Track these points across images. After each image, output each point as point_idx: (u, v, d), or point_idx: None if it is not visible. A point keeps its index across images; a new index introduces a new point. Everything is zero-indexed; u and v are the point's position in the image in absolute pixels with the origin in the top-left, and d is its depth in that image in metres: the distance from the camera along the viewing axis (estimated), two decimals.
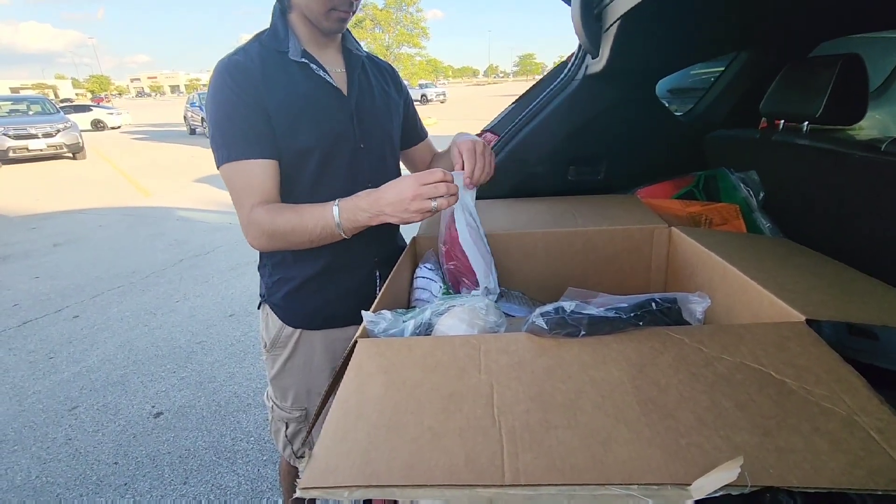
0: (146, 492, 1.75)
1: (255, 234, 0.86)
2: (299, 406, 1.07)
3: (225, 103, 0.84)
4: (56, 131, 9.80)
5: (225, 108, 0.84)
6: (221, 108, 0.84)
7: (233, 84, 0.84)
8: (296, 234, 0.85)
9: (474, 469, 0.41)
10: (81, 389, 2.37)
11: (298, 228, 0.85)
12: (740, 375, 0.50)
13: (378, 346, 0.61)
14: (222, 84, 0.84)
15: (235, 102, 0.84)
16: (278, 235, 0.85)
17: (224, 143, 0.85)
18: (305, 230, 0.85)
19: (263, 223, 0.85)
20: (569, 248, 0.99)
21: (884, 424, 0.42)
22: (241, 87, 0.84)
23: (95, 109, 19.12)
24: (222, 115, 0.84)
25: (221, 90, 0.84)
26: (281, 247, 0.89)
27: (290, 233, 0.85)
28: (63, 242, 4.70)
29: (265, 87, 0.85)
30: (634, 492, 0.38)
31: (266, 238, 0.86)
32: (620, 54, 1.07)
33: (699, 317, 0.67)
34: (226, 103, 0.84)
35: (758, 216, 1.15)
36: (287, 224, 0.85)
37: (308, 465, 0.44)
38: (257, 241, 0.88)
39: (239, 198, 0.87)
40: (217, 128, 0.85)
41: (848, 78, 0.97)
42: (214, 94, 0.85)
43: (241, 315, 3.08)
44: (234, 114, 0.84)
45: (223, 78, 0.84)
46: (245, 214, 0.86)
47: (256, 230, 0.86)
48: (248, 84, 0.84)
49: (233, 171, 0.86)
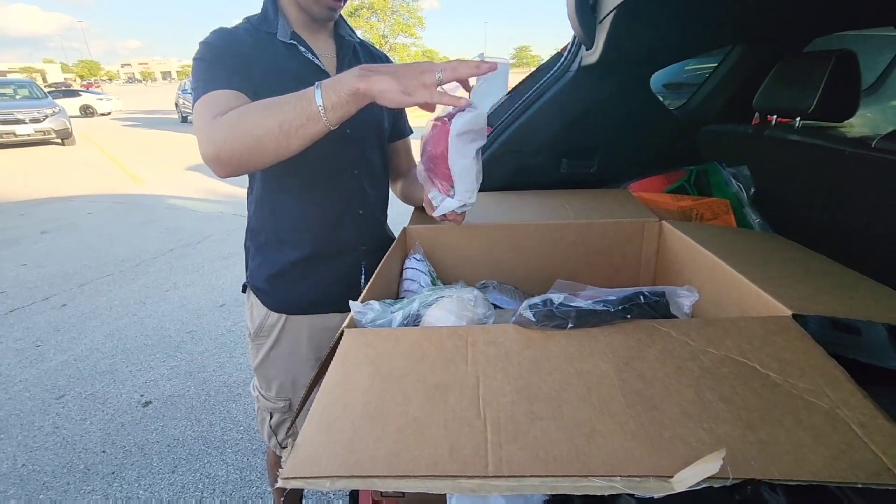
0: (134, 480, 1.74)
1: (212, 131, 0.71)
2: (283, 396, 1.06)
3: (205, 54, 0.82)
4: (44, 116, 9.63)
5: (204, 57, 0.82)
6: (201, 59, 0.82)
7: (219, 42, 0.83)
8: (262, 115, 0.69)
9: (458, 460, 0.41)
10: (69, 378, 2.35)
11: (269, 108, 0.69)
12: (725, 369, 0.50)
13: (365, 336, 0.61)
14: (207, 42, 0.84)
15: (214, 53, 0.82)
16: (239, 122, 0.69)
17: (197, 85, 0.79)
18: (276, 108, 0.68)
19: (224, 121, 0.71)
20: (560, 240, 0.99)
21: (866, 418, 0.43)
22: (226, 46, 0.83)
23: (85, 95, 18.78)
24: (201, 64, 0.81)
25: (205, 46, 0.83)
26: (243, 142, 0.69)
27: (256, 114, 0.69)
28: (51, 229, 4.63)
29: (252, 58, 0.84)
30: (617, 483, 0.38)
31: (224, 130, 0.70)
32: (615, 46, 1.07)
33: (687, 310, 0.67)
34: (206, 54, 0.82)
35: (748, 211, 1.16)
36: (254, 105, 0.71)
37: (291, 455, 0.44)
38: (212, 138, 0.71)
39: (202, 120, 0.74)
40: (195, 76, 0.81)
41: (841, 74, 0.97)
42: (198, 52, 0.83)
43: (231, 305, 3.06)
44: (211, 61, 0.82)
45: (210, 38, 0.84)
46: (206, 125, 0.73)
47: (214, 127, 0.71)
48: (235, 47, 0.84)
49: (201, 104, 0.76)
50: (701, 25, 1.14)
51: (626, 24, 1.00)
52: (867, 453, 0.39)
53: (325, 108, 0.66)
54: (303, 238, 0.96)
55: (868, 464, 0.38)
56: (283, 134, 0.68)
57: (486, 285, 0.96)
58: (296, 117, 0.67)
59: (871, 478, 0.37)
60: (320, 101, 0.65)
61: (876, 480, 0.37)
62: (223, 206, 5.35)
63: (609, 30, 1.02)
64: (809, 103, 0.99)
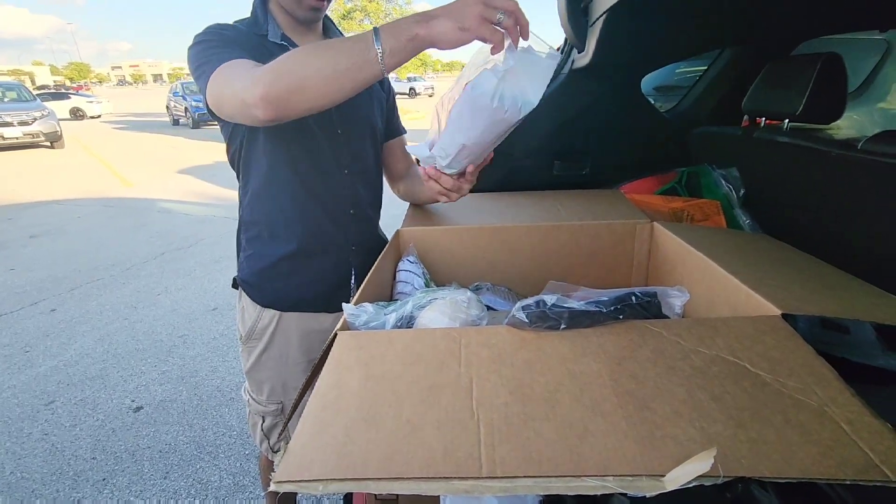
0: (125, 487, 1.72)
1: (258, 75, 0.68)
2: (275, 400, 1.06)
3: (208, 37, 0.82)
4: (33, 119, 9.51)
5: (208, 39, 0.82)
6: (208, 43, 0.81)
7: (217, 28, 0.85)
8: (314, 56, 0.66)
9: (451, 461, 0.41)
10: (58, 384, 2.31)
11: (321, 48, 0.67)
12: (716, 368, 0.50)
13: (358, 338, 0.61)
14: (206, 30, 0.84)
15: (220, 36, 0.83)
16: (289, 62, 0.67)
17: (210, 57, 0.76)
18: (330, 50, 0.67)
19: (270, 64, 0.68)
20: (553, 242, 0.99)
21: (854, 416, 0.43)
22: (227, 30, 0.85)
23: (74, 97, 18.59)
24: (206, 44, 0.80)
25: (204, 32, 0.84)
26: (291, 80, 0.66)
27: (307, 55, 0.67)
28: (40, 234, 4.57)
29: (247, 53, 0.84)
30: (609, 483, 0.38)
31: (271, 72, 0.67)
32: (606, 49, 1.08)
33: (678, 311, 0.67)
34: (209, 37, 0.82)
35: (738, 212, 1.17)
36: (302, 51, 0.68)
37: (283, 458, 0.43)
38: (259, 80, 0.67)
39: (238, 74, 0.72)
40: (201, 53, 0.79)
41: (828, 77, 0.99)
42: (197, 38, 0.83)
43: (224, 309, 3.04)
44: (219, 41, 0.81)
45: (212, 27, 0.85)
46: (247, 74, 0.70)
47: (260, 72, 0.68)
48: (232, 34, 0.85)
49: (221, 75, 0.73)
50: (691, 29, 1.16)
51: (616, 28, 1.01)
52: (855, 450, 0.40)
53: (384, 52, 0.64)
54: (292, 233, 0.96)
55: (856, 461, 0.39)
56: (337, 76, 0.66)
57: (480, 287, 0.97)
58: (353, 61, 0.65)
59: (858, 474, 0.38)
60: (379, 46, 0.63)
61: (864, 477, 0.37)
62: (215, 210, 5.32)
63: (600, 33, 1.03)
64: (797, 106, 1.01)
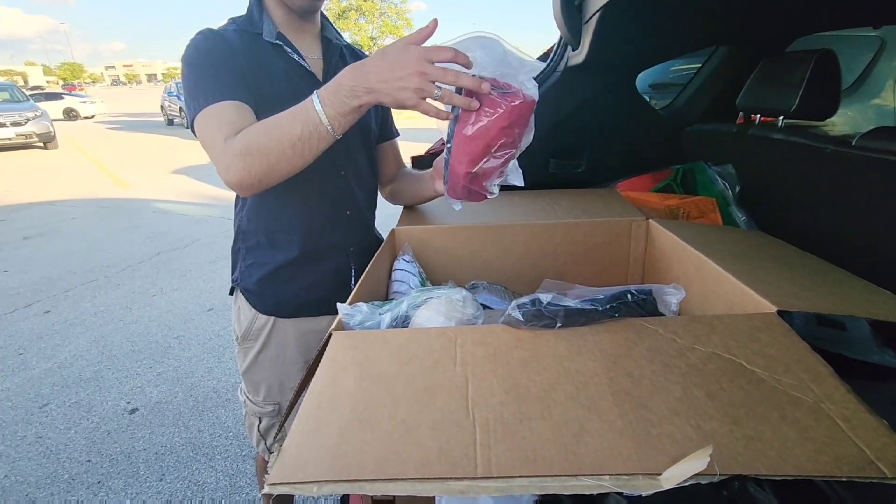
0: (120, 489, 1.71)
1: (229, 160, 0.73)
2: (272, 400, 1.05)
3: (201, 58, 0.81)
4: (25, 120, 9.44)
5: (201, 62, 0.81)
6: (197, 64, 0.81)
7: (209, 45, 0.82)
8: (274, 139, 0.71)
9: (447, 462, 0.41)
10: (53, 386, 2.30)
11: (276, 132, 0.71)
12: (712, 365, 0.50)
13: (353, 338, 0.60)
14: (199, 44, 0.82)
15: (212, 57, 0.81)
16: (253, 149, 0.72)
17: (198, 94, 0.79)
18: (283, 132, 0.71)
19: (237, 144, 0.73)
20: (548, 240, 0.99)
21: (849, 413, 0.43)
22: (217, 49, 0.82)
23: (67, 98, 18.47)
24: (198, 69, 0.81)
25: (198, 49, 0.82)
26: (259, 167, 0.73)
27: (267, 140, 0.72)
28: (34, 235, 4.54)
29: (242, 58, 0.84)
30: (605, 482, 0.38)
31: (240, 159, 0.72)
32: (601, 46, 1.07)
33: (674, 308, 0.67)
34: (200, 59, 0.81)
35: (734, 209, 1.17)
36: (263, 130, 0.73)
37: (277, 460, 0.43)
38: (232, 168, 0.73)
39: (213, 139, 0.76)
40: (190, 82, 0.80)
41: (822, 73, 0.99)
42: (190, 54, 0.82)
43: (220, 309, 3.03)
44: (209, 66, 0.81)
45: (200, 40, 0.83)
46: (219, 148, 0.75)
47: (229, 154, 0.73)
48: (226, 48, 0.83)
49: (205, 117, 0.77)
50: (686, 26, 1.16)
51: (611, 25, 1.01)
52: (851, 447, 0.40)
53: (332, 123, 0.70)
54: (292, 240, 0.95)
55: (852, 457, 0.39)
56: (296, 152, 0.72)
57: (476, 286, 0.96)
58: (306, 140, 0.71)
59: (854, 471, 0.37)
60: (327, 124, 0.70)
61: (860, 474, 0.37)
62: (210, 210, 5.29)
63: (595, 30, 1.03)
64: (791, 102, 1.01)
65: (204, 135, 0.78)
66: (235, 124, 0.76)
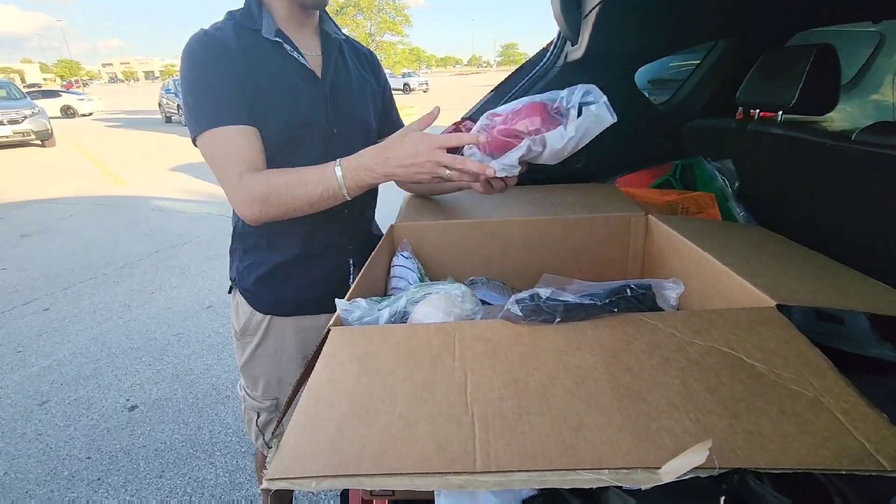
0: (120, 486, 1.71)
1: (247, 200, 0.80)
2: (270, 395, 1.05)
3: (199, 72, 0.81)
4: (23, 118, 9.40)
5: (199, 76, 0.81)
6: (196, 78, 0.81)
7: (208, 53, 0.81)
8: (295, 196, 0.79)
9: (446, 456, 0.41)
10: (52, 383, 2.30)
11: (298, 190, 0.79)
12: (712, 360, 0.50)
13: (351, 334, 0.60)
14: (196, 53, 0.81)
15: (211, 71, 0.81)
16: (274, 199, 0.79)
17: (200, 111, 0.81)
18: (306, 191, 0.79)
19: (257, 187, 0.79)
20: (548, 235, 0.99)
21: (849, 406, 0.43)
22: (216, 57, 0.81)
23: (65, 95, 18.38)
24: (197, 84, 0.81)
25: (195, 59, 0.81)
26: (276, 213, 0.81)
27: (289, 195, 0.79)
28: (32, 233, 4.53)
29: (241, 60, 0.82)
30: (605, 476, 0.38)
31: (259, 204, 0.80)
32: (600, 41, 1.07)
33: (673, 303, 0.67)
34: (200, 72, 0.81)
35: (733, 205, 1.17)
36: (285, 185, 0.79)
37: (275, 455, 0.43)
38: (249, 207, 0.80)
39: (223, 168, 0.81)
40: (192, 97, 0.81)
41: (822, 67, 0.99)
42: (188, 64, 0.81)
43: (219, 306, 3.02)
44: (209, 81, 0.81)
45: (197, 48, 0.81)
46: (233, 183, 0.80)
47: (248, 195, 0.80)
48: (224, 54, 0.81)
49: (211, 140, 0.81)
50: (685, 20, 1.15)
51: (610, 19, 1.01)
52: (850, 440, 0.40)
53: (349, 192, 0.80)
54: (291, 239, 0.95)
55: (851, 450, 0.39)
56: (313, 206, 0.82)
57: (475, 282, 0.96)
58: (323, 200, 0.81)
59: (854, 464, 0.37)
60: (344, 192, 0.80)
61: (859, 467, 0.37)
62: (209, 207, 5.28)
63: (594, 25, 1.02)
64: (791, 97, 1.01)
65: (212, 161, 0.82)
66: (246, 157, 0.81)
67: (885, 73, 1.94)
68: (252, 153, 0.82)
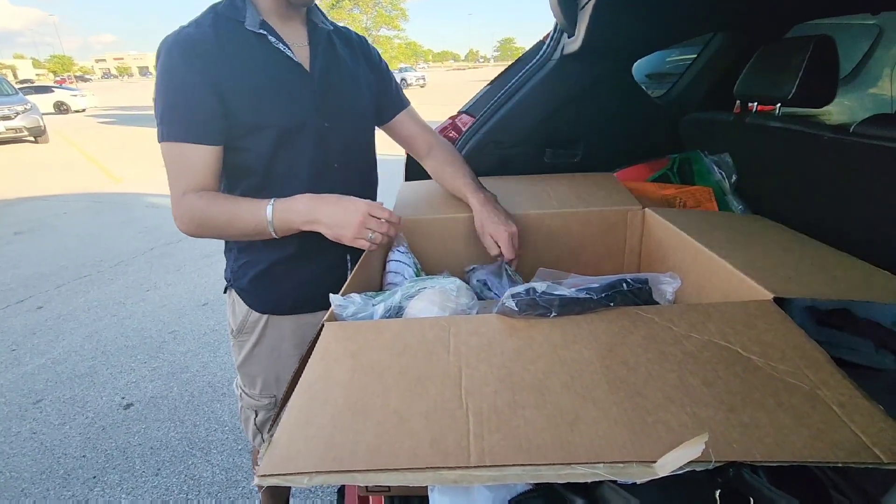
0: (116, 484, 1.70)
1: (186, 219, 0.84)
2: (268, 394, 1.04)
3: (168, 80, 0.79)
4: (15, 114, 9.30)
5: (168, 84, 0.79)
6: (165, 86, 0.80)
7: (180, 61, 0.79)
8: (229, 226, 0.84)
9: (440, 451, 0.40)
10: (46, 382, 2.28)
11: (233, 220, 0.83)
12: (708, 353, 0.50)
13: (346, 329, 0.60)
14: (167, 58, 0.79)
15: (179, 80, 0.79)
16: (210, 225, 0.83)
17: (164, 119, 0.81)
18: (240, 223, 0.83)
19: (195, 210, 0.82)
20: (544, 229, 0.98)
21: (845, 399, 0.43)
22: (188, 64, 0.79)
23: (58, 91, 18.21)
24: (166, 92, 0.80)
25: (165, 65, 0.79)
26: (210, 236, 0.87)
27: (223, 224, 0.83)
28: (25, 230, 4.49)
29: (220, 60, 0.80)
30: (600, 470, 0.37)
31: (195, 225, 0.84)
32: (597, 33, 1.06)
33: (670, 297, 0.67)
34: (169, 80, 0.79)
35: (730, 199, 1.16)
36: (221, 215, 0.83)
37: (268, 451, 0.42)
38: (186, 226, 0.84)
39: (172, 180, 0.84)
40: (160, 102, 0.81)
41: (820, 59, 0.98)
42: (159, 69, 0.80)
43: (214, 304, 3.01)
44: (177, 91, 0.80)
45: (170, 55, 0.79)
46: (176, 198, 0.83)
47: (187, 215, 0.83)
48: (198, 60, 0.79)
49: (167, 151, 0.83)
50: (682, 12, 1.14)
51: (607, 11, 1.00)
52: (847, 433, 0.39)
53: (276, 231, 0.83)
54: (286, 237, 0.94)
55: (847, 443, 0.38)
56: (242, 238, 0.89)
57: (475, 269, 0.96)
58: (254, 234, 0.84)
59: (850, 457, 0.37)
60: (272, 230, 0.83)
61: (855, 459, 0.37)
62: None
63: (591, 16, 1.01)
64: (788, 90, 1.00)
65: (167, 169, 0.85)
66: (194, 178, 0.83)
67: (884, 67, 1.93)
68: (202, 173, 0.83)
